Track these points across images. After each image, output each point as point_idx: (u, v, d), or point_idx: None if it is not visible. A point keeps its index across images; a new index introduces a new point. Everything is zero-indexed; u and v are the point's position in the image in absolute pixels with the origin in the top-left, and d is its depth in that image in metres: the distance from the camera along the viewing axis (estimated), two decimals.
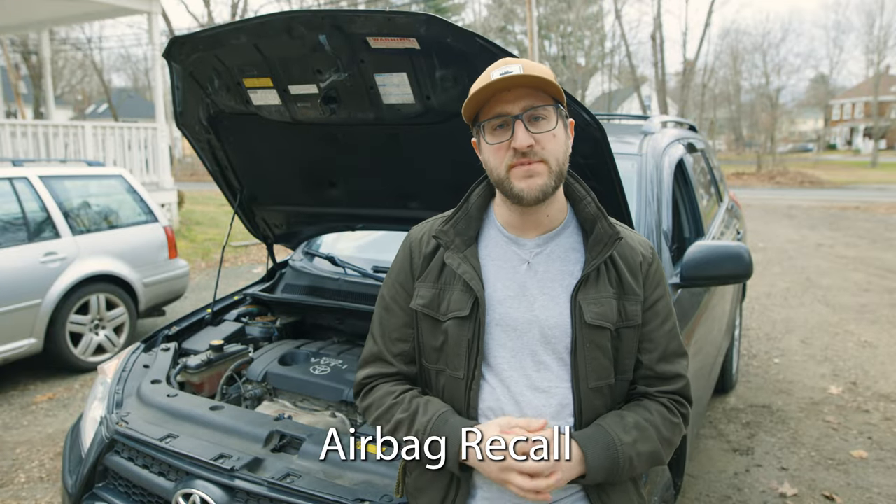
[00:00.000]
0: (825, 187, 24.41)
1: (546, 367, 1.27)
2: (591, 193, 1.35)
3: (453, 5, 40.07)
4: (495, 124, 1.24)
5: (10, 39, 22.52)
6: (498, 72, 1.22)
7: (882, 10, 41.99)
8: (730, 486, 3.26)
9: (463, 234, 1.33)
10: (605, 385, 1.28)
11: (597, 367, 1.26)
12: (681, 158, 3.20)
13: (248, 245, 11.02)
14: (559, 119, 1.25)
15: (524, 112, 1.21)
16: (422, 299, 1.34)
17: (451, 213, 1.38)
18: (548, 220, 1.31)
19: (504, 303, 1.29)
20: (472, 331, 1.28)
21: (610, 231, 1.29)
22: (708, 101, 42.14)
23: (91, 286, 5.11)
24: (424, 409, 1.28)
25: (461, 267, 1.30)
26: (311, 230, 3.00)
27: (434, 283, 1.33)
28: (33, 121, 9.63)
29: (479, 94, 1.21)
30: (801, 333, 5.85)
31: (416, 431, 1.26)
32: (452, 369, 1.30)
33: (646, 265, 1.34)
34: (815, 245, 10.81)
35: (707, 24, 34.79)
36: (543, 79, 1.20)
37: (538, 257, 1.30)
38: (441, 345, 1.31)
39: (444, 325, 1.30)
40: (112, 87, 41.45)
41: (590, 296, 1.27)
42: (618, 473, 1.22)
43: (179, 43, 2.09)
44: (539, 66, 1.25)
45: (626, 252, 1.33)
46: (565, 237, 1.33)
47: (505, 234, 1.33)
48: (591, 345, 1.26)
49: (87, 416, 2.21)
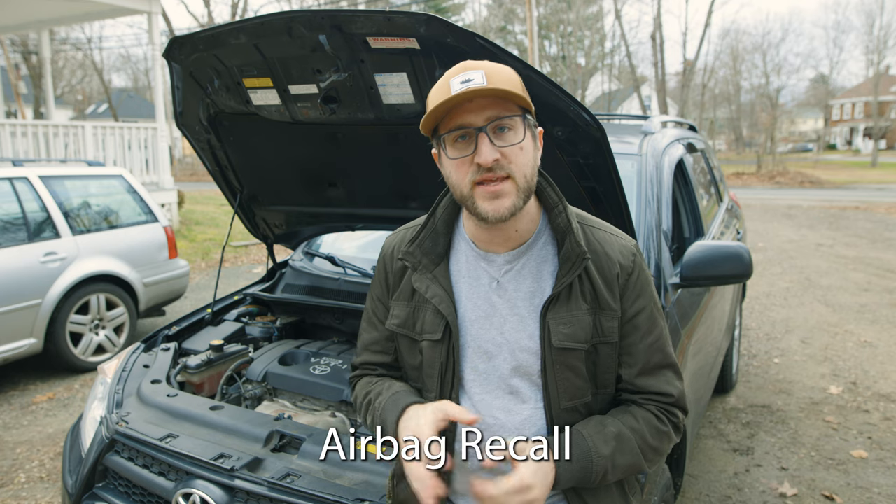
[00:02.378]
0: (825, 187, 24.40)
1: (517, 390, 1.24)
2: (563, 201, 1.26)
3: (453, 5, 40.06)
4: (456, 136, 1.14)
5: (10, 39, 22.54)
6: (458, 80, 1.12)
7: (882, 10, 42.03)
8: (730, 486, 3.26)
9: (430, 252, 1.28)
10: (579, 404, 1.24)
11: (569, 388, 1.22)
12: (681, 158, 3.20)
13: (248, 245, 11.02)
14: (527, 129, 1.15)
15: (488, 123, 1.12)
16: (396, 318, 1.31)
17: (417, 229, 1.31)
18: (517, 235, 1.24)
19: (475, 323, 1.25)
20: (444, 354, 1.25)
21: (578, 250, 1.20)
22: (708, 101, 42.16)
23: (91, 286, 5.12)
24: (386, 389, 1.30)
25: (430, 290, 1.26)
26: (311, 230, 3.00)
27: (408, 301, 1.30)
28: (33, 121, 9.62)
29: (437, 109, 1.12)
30: (800, 333, 5.85)
31: (373, 409, 1.29)
32: (426, 390, 1.28)
33: (623, 276, 1.25)
34: (815, 245, 10.81)
35: (707, 24, 34.78)
36: (508, 91, 1.10)
37: (507, 275, 1.24)
38: (419, 364, 1.30)
39: (420, 345, 1.28)
40: (112, 87, 41.46)
41: (560, 315, 1.20)
42: (589, 482, 1.18)
43: (179, 43, 2.09)
44: (504, 72, 1.16)
45: (602, 263, 1.24)
46: (537, 250, 1.25)
47: (474, 248, 1.27)
48: (560, 366, 1.21)
49: (87, 416, 2.21)
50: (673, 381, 1.29)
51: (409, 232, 1.34)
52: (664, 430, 1.26)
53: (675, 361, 1.31)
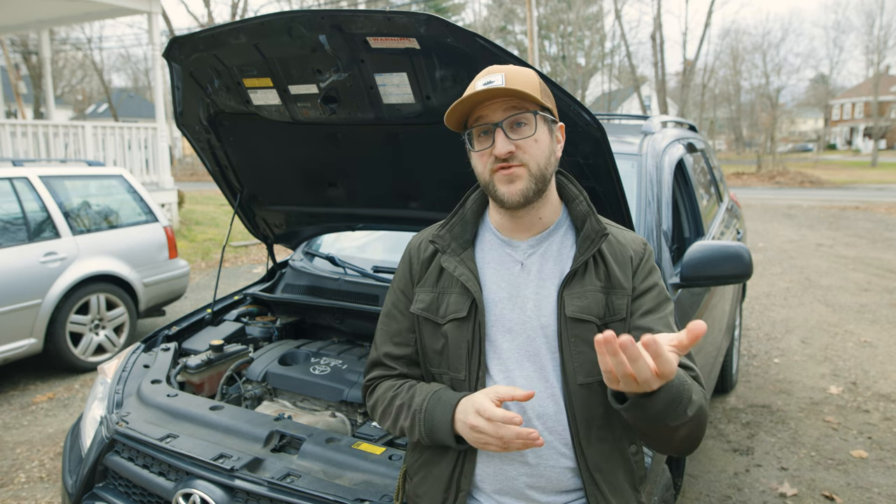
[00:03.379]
0: (825, 187, 24.40)
1: (540, 367, 1.28)
2: (584, 193, 1.37)
3: (453, 5, 40.06)
4: (479, 131, 1.28)
5: (10, 39, 22.54)
6: (482, 81, 1.25)
7: (882, 10, 42.04)
8: (730, 486, 3.26)
9: (459, 237, 1.37)
10: (594, 381, 1.26)
11: (584, 363, 1.26)
12: (681, 158, 3.20)
13: (248, 245, 11.03)
14: (542, 124, 1.27)
15: (504, 119, 1.25)
16: (421, 303, 1.37)
17: (448, 216, 1.41)
18: (540, 223, 1.34)
19: (499, 304, 1.31)
20: (471, 332, 1.30)
21: (597, 227, 1.31)
22: (708, 101, 42.16)
23: (91, 286, 5.12)
24: (420, 391, 1.32)
25: (458, 269, 1.33)
26: (311, 230, 3.00)
27: (433, 287, 1.37)
28: (33, 121, 9.62)
29: (459, 105, 1.25)
30: (800, 333, 5.85)
31: (413, 412, 1.30)
32: (454, 371, 1.32)
33: (637, 259, 1.35)
34: (815, 245, 10.81)
35: (707, 24, 34.75)
36: (521, 91, 1.22)
37: (531, 258, 1.33)
38: (442, 348, 1.34)
39: (444, 328, 1.33)
40: (112, 87, 41.47)
41: (575, 290, 1.28)
42: (677, 406, 1.10)
43: (179, 43, 2.09)
44: (523, 74, 1.27)
45: (615, 248, 1.34)
46: (558, 237, 1.35)
47: (499, 236, 1.36)
48: (575, 339, 1.26)
49: (87, 416, 2.21)
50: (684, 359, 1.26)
51: (437, 225, 1.43)
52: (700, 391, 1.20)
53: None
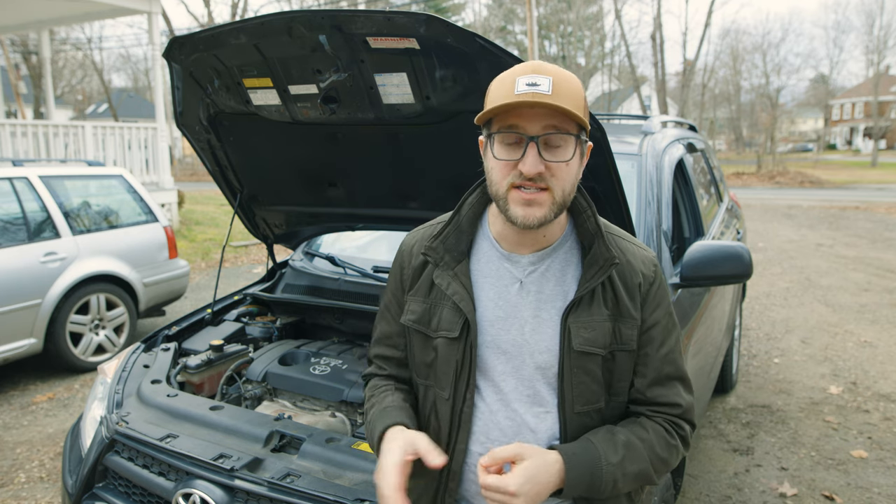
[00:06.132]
0: (825, 187, 24.40)
1: (534, 392, 1.23)
2: (592, 206, 1.26)
3: (453, 5, 40.07)
4: (509, 139, 1.13)
5: (10, 39, 22.53)
6: (525, 80, 1.09)
7: (882, 10, 42.08)
8: (730, 486, 3.26)
9: (453, 249, 1.27)
10: (592, 409, 1.23)
11: (584, 392, 1.21)
12: (681, 158, 3.20)
13: (248, 245, 11.02)
14: (577, 147, 1.15)
15: (542, 135, 1.10)
16: (412, 314, 1.30)
17: (441, 225, 1.31)
18: (544, 239, 1.24)
19: (495, 324, 1.24)
20: (461, 352, 1.23)
21: (607, 254, 1.21)
22: (708, 101, 42.16)
23: (91, 286, 5.12)
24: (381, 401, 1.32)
25: (451, 287, 1.24)
26: (311, 230, 3.00)
27: (425, 297, 1.29)
28: (33, 121, 9.62)
29: (497, 108, 1.10)
30: (800, 333, 5.85)
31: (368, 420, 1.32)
32: (440, 388, 1.27)
33: (645, 286, 1.25)
34: (815, 245, 10.81)
35: (707, 24, 34.77)
36: (569, 111, 1.08)
37: (531, 276, 1.24)
38: (431, 361, 1.28)
39: (435, 342, 1.27)
40: (112, 87, 41.48)
41: (581, 319, 1.20)
42: (599, 492, 1.17)
43: (179, 43, 2.09)
44: (571, 83, 1.12)
45: (624, 272, 1.24)
46: (562, 253, 1.25)
47: (498, 249, 1.26)
48: (578, 370, 1.20)
49: (87, 416, 2.21)
50: (682, 393, 1.28)
51: (431, 229, 1.33)
52: (673, 442, 1.25)
53: (687, 374, 1.31)
